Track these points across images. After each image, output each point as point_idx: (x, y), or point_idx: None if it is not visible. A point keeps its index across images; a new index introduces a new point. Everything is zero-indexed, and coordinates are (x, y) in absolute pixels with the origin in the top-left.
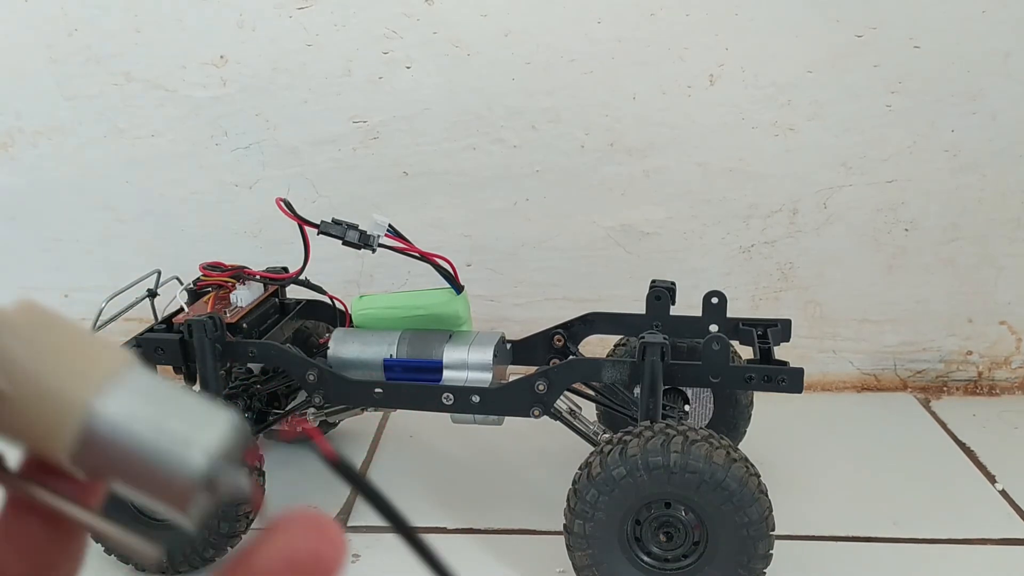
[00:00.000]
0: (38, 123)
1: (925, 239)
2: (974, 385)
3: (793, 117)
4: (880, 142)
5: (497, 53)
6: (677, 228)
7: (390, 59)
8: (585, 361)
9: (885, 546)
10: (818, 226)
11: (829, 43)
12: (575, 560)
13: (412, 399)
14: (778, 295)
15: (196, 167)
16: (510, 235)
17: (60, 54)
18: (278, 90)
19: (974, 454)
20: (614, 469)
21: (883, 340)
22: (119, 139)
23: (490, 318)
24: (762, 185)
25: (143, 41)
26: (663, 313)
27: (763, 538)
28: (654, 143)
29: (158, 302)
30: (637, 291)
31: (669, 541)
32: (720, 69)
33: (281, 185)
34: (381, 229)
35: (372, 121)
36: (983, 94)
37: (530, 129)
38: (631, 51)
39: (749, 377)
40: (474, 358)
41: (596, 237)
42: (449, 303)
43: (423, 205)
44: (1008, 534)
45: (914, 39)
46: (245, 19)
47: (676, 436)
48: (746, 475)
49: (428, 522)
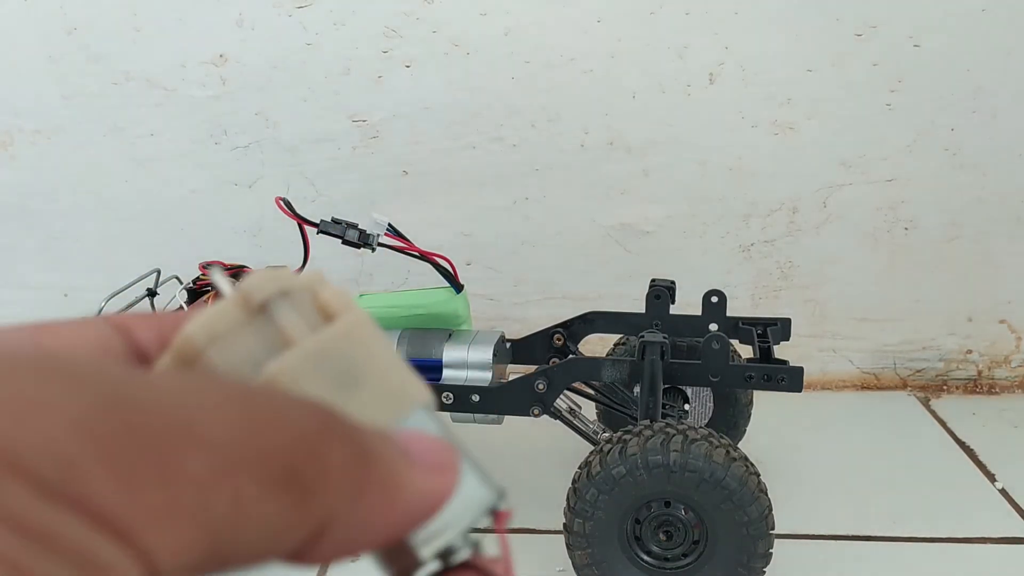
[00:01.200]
0: (37, 122)
1: (925, 238)
2: (974, 384)
3: (793, 116)
4: (880, 141)
5: (497, 52)
6: (677, 227)
7: (389, 58)
8: (585, 360)
9: (885, 545)
10: (818, 225)
11: (829, 42)
12: (575, 559)
13: None
14: (778, 294)
15: (195, 166)
16: (510, 234)
17: (59, 53)
18: (277, 89)
19: (974, 453)
20: (614, 468)
21: (883, 339)
22: (118, 138)
23: (490, 317)
24: (762, 184)
25: (142, 40)
26: (663, 312)
27: (763, 537)
28: (654, 142)
29: (158, 301)
30: (637, 290)
31: (669, 540)
32: (720, 68)
33: (280, 184)
34: (380, 228)
35: (372, 120)
36: (983, 92)
37: (530, 128)
38: (631, 50)
39: (749, 376)
40: (474, 357)
41: (596, 236)
42: (449, 302)
43: (423, 204)
44: (1008, 533)
45: (914, 38)
46: (244, 18)
47: (676, 435)
48: (746, 474)
49: None
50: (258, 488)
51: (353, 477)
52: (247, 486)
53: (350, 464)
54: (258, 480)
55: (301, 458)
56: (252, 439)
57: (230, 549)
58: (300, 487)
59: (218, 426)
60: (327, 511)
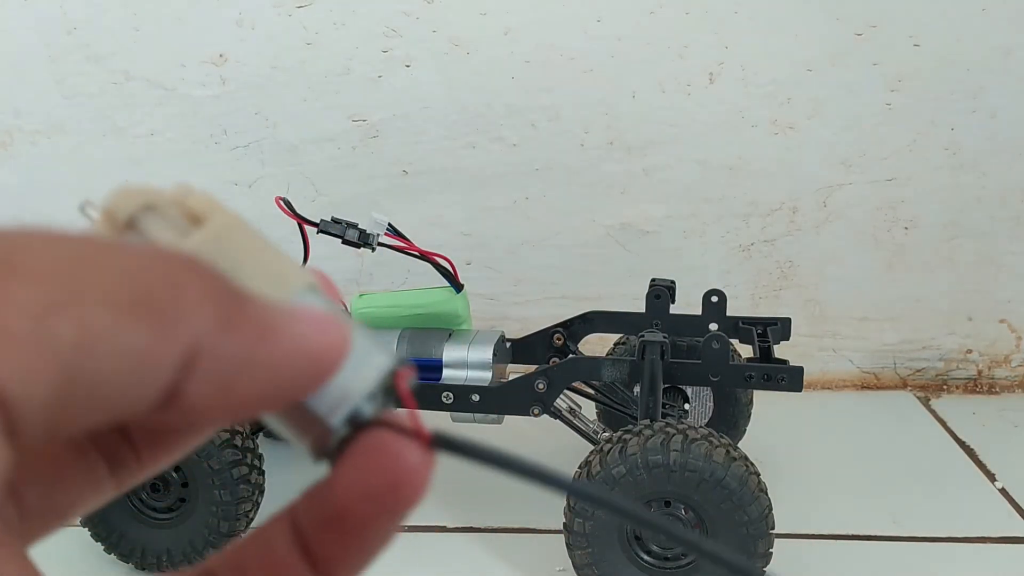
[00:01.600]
0: (37, 122)
1: (925, 237)
2: (974, 383)
3: (793, 115)
4: (880, 140)
5: (497, 51)
6: (677, 226)
7: (389, 57)
8: (585, 360)
9: (885, 544)
10: (818, 224)
11: (829, 41)
12: (575, 559)
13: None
14: (778, 293)
15: (195, 166)
16: (510, 233)
17: (59, 52)
18: (277, 88)
19: (974, 452)
20: (614, 468)
21: (883, 338)
22: (118, 138)
23: (490, 317)
24: (762, 183)
25: (142, 39)
26: (663, 311)
27: (763, 536)
28: (654, 141)
29: None
30: (637, 289)
31: (669, 540)
32: (720, 67)
33: (280, 184)
34: (380, 228)
35: (371, 119)
36: (983, 92)
37: (530, 127)
38: (631, 49)
39: (749, 376)
40: (474, 357)
41: (596, 235)
42: (449, 302)
43: (422, 203)
44: (1008, 532)
45: (914, 37)
46: (244, 17)
47: (676, 435)
48: (746, 473)
49: (427, 521)
50: (110, 315)
51: (217, 307)
52: (96, 315)
53: (212, 295)
54: (107, 307)
55: (154, 285)
56: (92, 272)
57: (90, 380)
58: (155, 312)
59: (46, 261)
60: (190, 338)
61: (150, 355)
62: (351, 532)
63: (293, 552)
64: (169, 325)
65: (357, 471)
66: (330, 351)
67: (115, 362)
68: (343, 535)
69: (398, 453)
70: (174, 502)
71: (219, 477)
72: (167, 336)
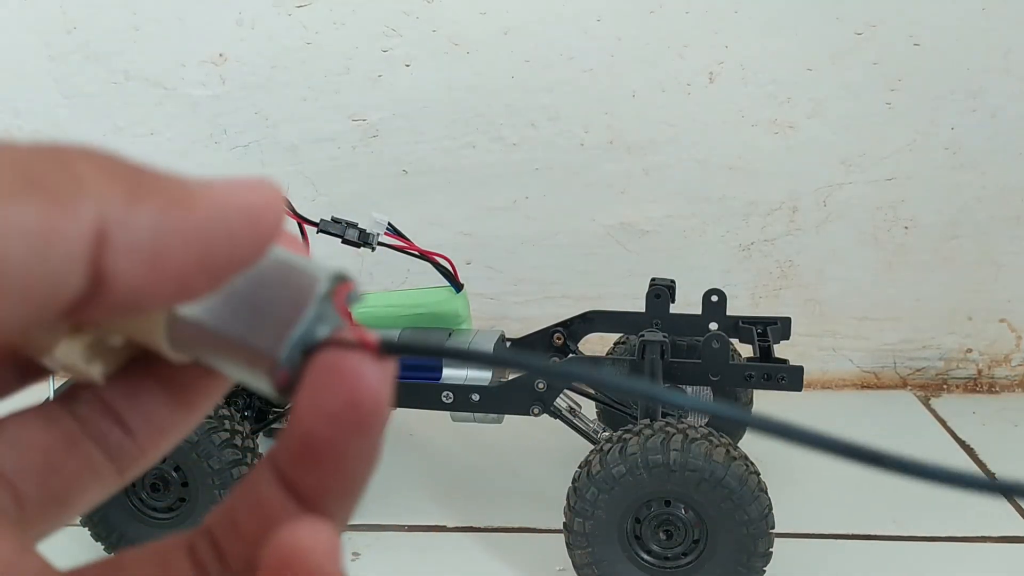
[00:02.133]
0: (36, 122)
1: (925, 237)
2: (974, 383)
3: (793, 115)
4: (880, 140)
5: (496, 51)
6: (677, 226)
7: (389, 57)
8: (585, 359)
9: (885, 544)
10: (818, 224)
11: (829, 41)
12: (575, 558)
13: (411, 397)
14: (778, 293)
15: (195, 166)
16: (510, 233)
17: (58, 52)
18: (277, 88)
19: (974, 452)
20: (614, 467)
21: (883, 338)
22: (118, 137)
23: (490, 316)
24: (762, 183)
25: (142, 39)
26: (663, 311)
27: (763, 536)
28: (654, 141)
29: None
30: (637, 289)
31: (669, 539)
32: (720, 67)
33: (280, 183)
34: (380, 227)
35: (371, 119)
36: (983, 91)
37: (529, 127)
38: (631, 49)
39: (749, 375)
40: None
41: (596, 235)
42: (448, 301)
43: (422, 203)
44: (1008, 532)
45: (914, 37)
46: (244, 17)
47: (676, 434)
48: (746, 473)
49: (427, 520)
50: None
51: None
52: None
53: (110, 171)
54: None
55: (48, 168)
56: None
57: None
58: (49, 191)
59: None
60: (93, 212)
61: (53, 233)
62: (325, 459)
63: (279, 493)
64: (66, 201)
65: (315, 396)
66: (265, 210)
67: (16, 245)
68: (318, 464)
69: (351, 369)
70: (174, 502)
71: (219, 477)
72: (66, 213)
